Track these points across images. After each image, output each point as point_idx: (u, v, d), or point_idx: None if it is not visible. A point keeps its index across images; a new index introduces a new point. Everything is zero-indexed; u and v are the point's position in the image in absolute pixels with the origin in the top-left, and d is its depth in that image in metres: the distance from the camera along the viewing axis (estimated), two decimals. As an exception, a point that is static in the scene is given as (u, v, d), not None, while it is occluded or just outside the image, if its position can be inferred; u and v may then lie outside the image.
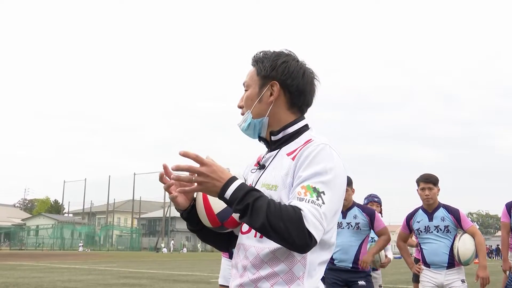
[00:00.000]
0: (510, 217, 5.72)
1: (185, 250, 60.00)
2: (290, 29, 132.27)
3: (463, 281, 4.85)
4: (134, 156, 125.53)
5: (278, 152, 1.85)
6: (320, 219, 1.60)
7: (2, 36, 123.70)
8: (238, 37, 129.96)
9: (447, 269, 4.86)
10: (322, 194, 1.65)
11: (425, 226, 4.97)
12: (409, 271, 6.84)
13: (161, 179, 1.79)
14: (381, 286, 6.14)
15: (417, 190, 5.02)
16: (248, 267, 1.76)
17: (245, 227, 1.83)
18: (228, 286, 5.14)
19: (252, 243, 1.77)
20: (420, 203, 5.04)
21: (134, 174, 68.28)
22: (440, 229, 4.91)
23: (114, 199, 71.67)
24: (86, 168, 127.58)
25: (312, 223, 1.58)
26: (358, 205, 5.21)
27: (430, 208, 4.99)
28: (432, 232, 4.93)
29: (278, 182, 1.77)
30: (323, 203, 1.63)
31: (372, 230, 5.22)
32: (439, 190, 5.03)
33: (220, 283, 5.36)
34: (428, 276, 4.96)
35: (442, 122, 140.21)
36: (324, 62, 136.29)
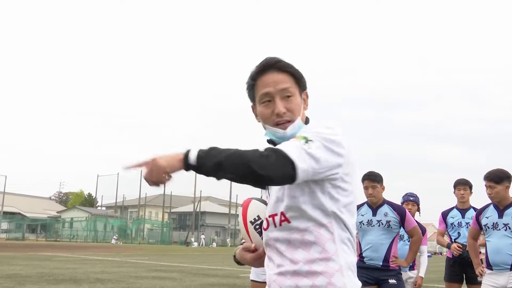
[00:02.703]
0: None
1: (214, 244, 60.34)
2: (313, 28, 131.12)
3: None
4: (165, 152, 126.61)
5: None
6: (307, 150, 1.68)
7: (40, 37, 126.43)
8: (264, 36, 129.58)
9: (510, 270, 4.64)
10: (311, 141, 1.71)
11: (493, 223, 4.78)
12: (441, 270, 6.71)
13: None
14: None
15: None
16: (284, 256, 1.84)
17: (264, 224, 1.95)
18: (259, 282, 5.17)
19: (277, 235, 1.86)
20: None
21: (165, 169, 68.82)
22: (509, 228, 4.69)
23: (146, 194, 72.47)
24: (119, 163, 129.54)
25: (295, 153, 1.66)
26: (389, 203, 5.12)
27: (501, 205, 4.79)
28: (499, 229, 4.73)
29: None
30: (311, 147, 1.70)
31: (402, 228, 5.14)
32: (508, 187, 4.80)
33: (252, 279, 5.34)
34: (490, 279, 4.77)
35: (471, 121, 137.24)
36: (349, 61, 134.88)
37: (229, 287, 12.23)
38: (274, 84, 1.89)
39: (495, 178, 4.76)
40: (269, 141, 2.00)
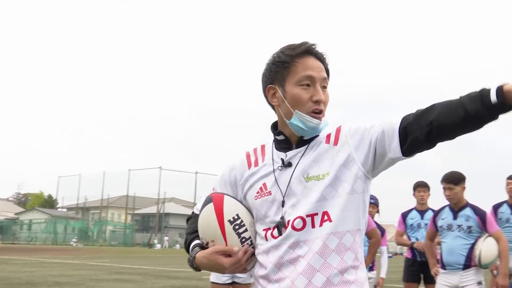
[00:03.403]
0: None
1: (178, 246, 59.88)
2: (312, 29, 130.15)
3: (479, 283, 4.74)
4: (129, 152, 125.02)
5: (306, 148, 1.80)
6: None
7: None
8: (263, 37, 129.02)
9: (463, 270, 4.77)
10: None
11: (448, 224, 4.90)
12: (401, 270, 6.81)
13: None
14: (376, 286, 6.13)
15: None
16: (314, 260, 1.68)
17: (298, 223, 1.72)
18: (220, 284, 5.12)
19: (311, 237, 1.70)
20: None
21: (129, 170, 68.13)
22: (463, 229, 4.81)
23: (108, 195, 71.40)
24: (81, 163, 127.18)
25: None
26: None
27: (456, 207, 4.91)
28: (454, 230, 4.85)
29: (329, 169, 1.73)
30: None
31: None
32: (464, 188, 4.91)
33: (212, 281, 5.30)
34: (443, 278, 4.89)
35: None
36: (343, 61, 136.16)
37: (191, 289, 12.16)
38: (318, 71, 1.78)
39: (454, 179, 4.87)
40: (277, 133, 1.87)
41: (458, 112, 1.53)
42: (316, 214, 1.70)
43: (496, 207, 6.41)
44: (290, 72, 1.77)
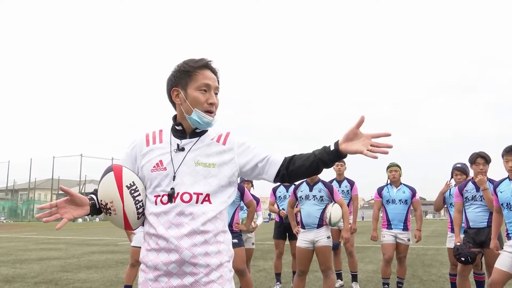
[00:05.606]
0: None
1: (97, 219, 57.11)
2: (309, 32, 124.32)
3: (328, 237, 5.04)
4: (55, 141, 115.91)
5: (197, 140, 1.87)
6: None
7: None
8: (260, 38, 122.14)
9: (317, 228, 5.05)
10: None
11: (306, 195, 5.14)
12: (272, 231, 7.11)
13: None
14: (254, 244, 6.33)
15: None
16: (195, 228, 1.76)
17: (186, 196, 1.78)
18: (140, 247, 5.03)
19: (195, 209, 1.77)
20: None
21: (54, 157, 63.75)
22: (316, 198, 5.10)
23: (35, 178, 66.25)
24: (9, 150, 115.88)
25: None
26: None
27: (312, 182, 5.19)
28: (310, 199, 5.12)
29: (215, 161, 1.83)
30: None
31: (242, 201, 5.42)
32: None
33: (133, 245, 5.18)
34: (303, 235, 5.13)
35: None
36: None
37: (108, 253, 11.75)
38: (213, 81, 1.87)
39: None
40: (177, 123, 1.90)
41: (308, 162, 1.81)
42: (201, 194, 1.78)
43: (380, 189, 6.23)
44: (192, 80, 1.84)
